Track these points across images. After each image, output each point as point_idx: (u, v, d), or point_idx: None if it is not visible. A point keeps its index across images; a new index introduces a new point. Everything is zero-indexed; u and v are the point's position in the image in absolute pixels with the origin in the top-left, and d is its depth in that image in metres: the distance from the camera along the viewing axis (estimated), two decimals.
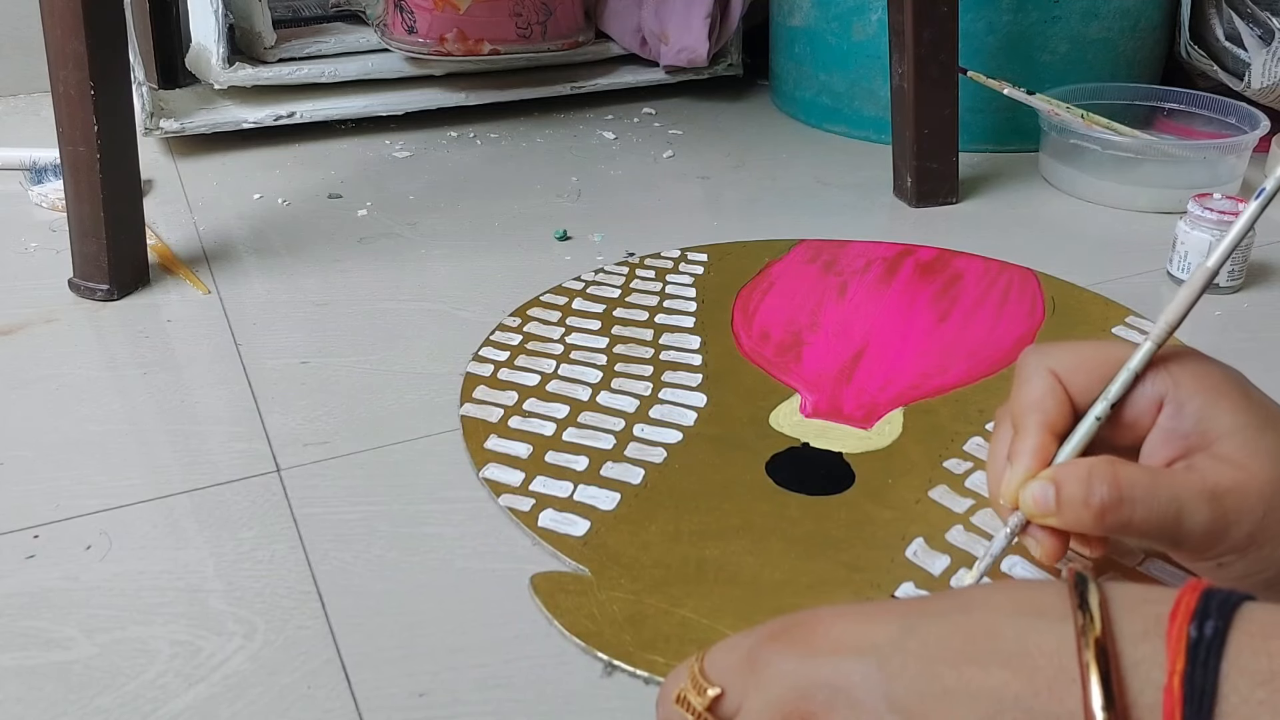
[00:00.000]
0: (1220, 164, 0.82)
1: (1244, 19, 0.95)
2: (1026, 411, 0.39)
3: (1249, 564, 0.36)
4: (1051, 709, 0.24)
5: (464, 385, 0.58)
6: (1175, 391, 0.37)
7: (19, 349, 0.63)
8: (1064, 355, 0.39)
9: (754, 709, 0.29)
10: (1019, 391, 0.40)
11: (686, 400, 0.56)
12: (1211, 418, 0.36)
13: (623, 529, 0.46)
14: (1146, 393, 0.37)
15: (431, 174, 0.92)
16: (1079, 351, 0.39)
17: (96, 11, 0.63)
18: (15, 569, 0.45)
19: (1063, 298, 0.67)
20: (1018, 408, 0.39)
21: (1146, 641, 0.24)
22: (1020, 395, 0.39)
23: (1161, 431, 0.37)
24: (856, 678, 0.27)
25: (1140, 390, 0.37)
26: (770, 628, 0.30)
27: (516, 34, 1.02)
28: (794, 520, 0.47)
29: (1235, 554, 0.36)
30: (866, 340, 0.62)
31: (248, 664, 0.40)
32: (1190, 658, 0.23)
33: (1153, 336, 0.37)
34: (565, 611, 0.42)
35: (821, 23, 1.01)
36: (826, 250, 0.74)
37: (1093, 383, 0.38)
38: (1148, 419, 0.37)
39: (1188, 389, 0.37)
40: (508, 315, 0.65)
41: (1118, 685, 0.24)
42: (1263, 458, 0.35)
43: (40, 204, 0.84)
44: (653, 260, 0.73)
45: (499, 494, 0.49)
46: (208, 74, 0.97)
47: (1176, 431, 0.37)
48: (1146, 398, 0.37)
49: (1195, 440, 0.36)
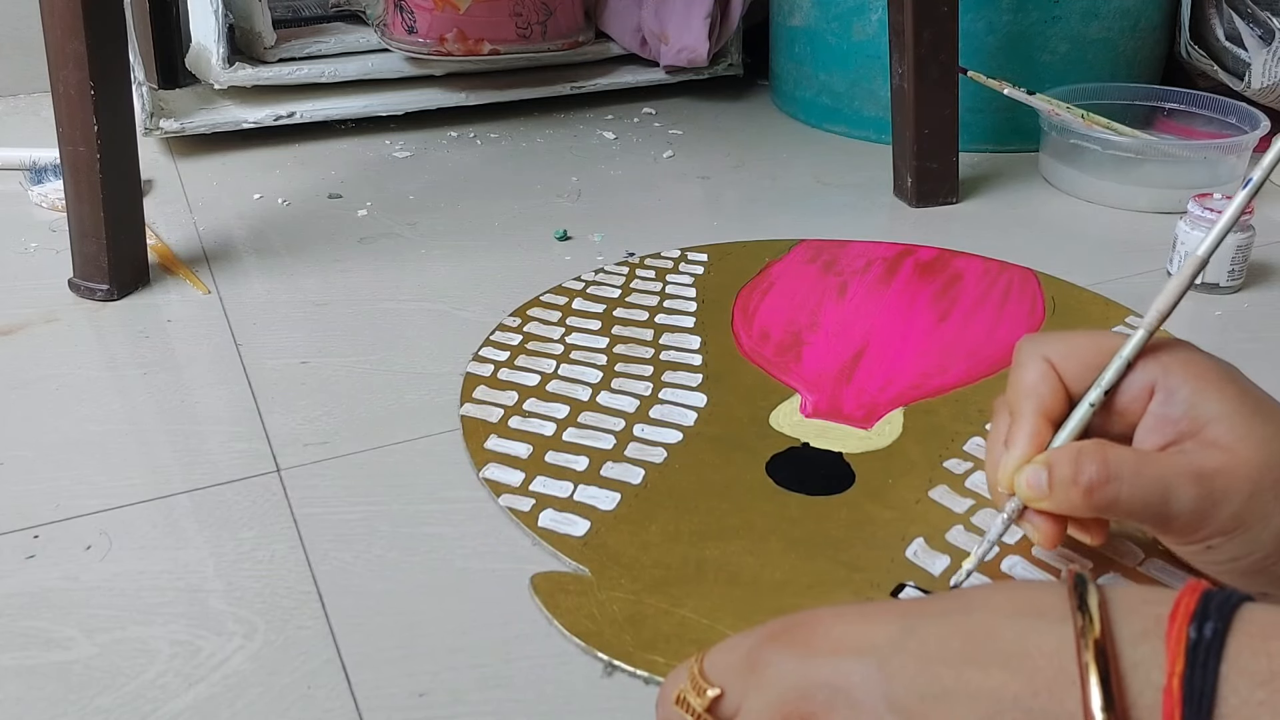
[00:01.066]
0: (1220, 164, 0.82)
1: (1244, 19, 0.95)
2: (1022, 398, 0.39)
3: (1237, 546, 0.36)
4: (1051, 709, 0.24)
5: (464, 385, 0.58)
6: (1166, 379, 0.37)
7: (19, 349, 0.63)
8: (1058, 343, 0.40)
9: (753, 709, 0.29)
10: (1015, 378, 0.40)
11: (686, 400, 0.56)
12: (1201, 404, 0.37)
13: (623, 529, 0.46)
14: (1138, 380, 0.38)
15: (431, 174, 0.92)
16: (1072, 340, 0.40)
17: (96, 11, 0.63)
18: (15, 569, 0.45)
19: (1063, 298, 0.67)
20: (1013, 394, 0.40)
21: (1146, 643, 0.25)
22: (1016, 382, 0.40)
23: (1153, 418, 0.38)
24: (856, 678, 0.27)
25: (1132, 378, 0.38)
26: (770, 628, 0.30)
27: (516, 34, 1.02)
28: (794, 520, 0.47)
29: (1222, 536, 0.36)
30: (866, 340, 0.62)
31: (248, 664, 0.40)
32: (1189, 659, 0.23)
33: (1145, 325, 0.38)
34: (565, 611, 0.42)
35: (821, 23, 1.01)
36: (826, 250, 0.74)
37: (1086, 370, 0.39)
38: (1139, 406, 0.38)
39: (1178, 376, 0.37)
40: (508, 315, 0.65)
41: (1117, 686, 0.24)
42: (1251, 442, 0.36)
43: (40, 204, 0.84)
44: (653, 260, 0.73)
45: (499, 494, 0.49)
46: (208, 74, 0.97)
47: (1167, 417, 0.37)
48: (1138, 385, 0.38)
49: (1185, 426, 0.37)
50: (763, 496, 0.49)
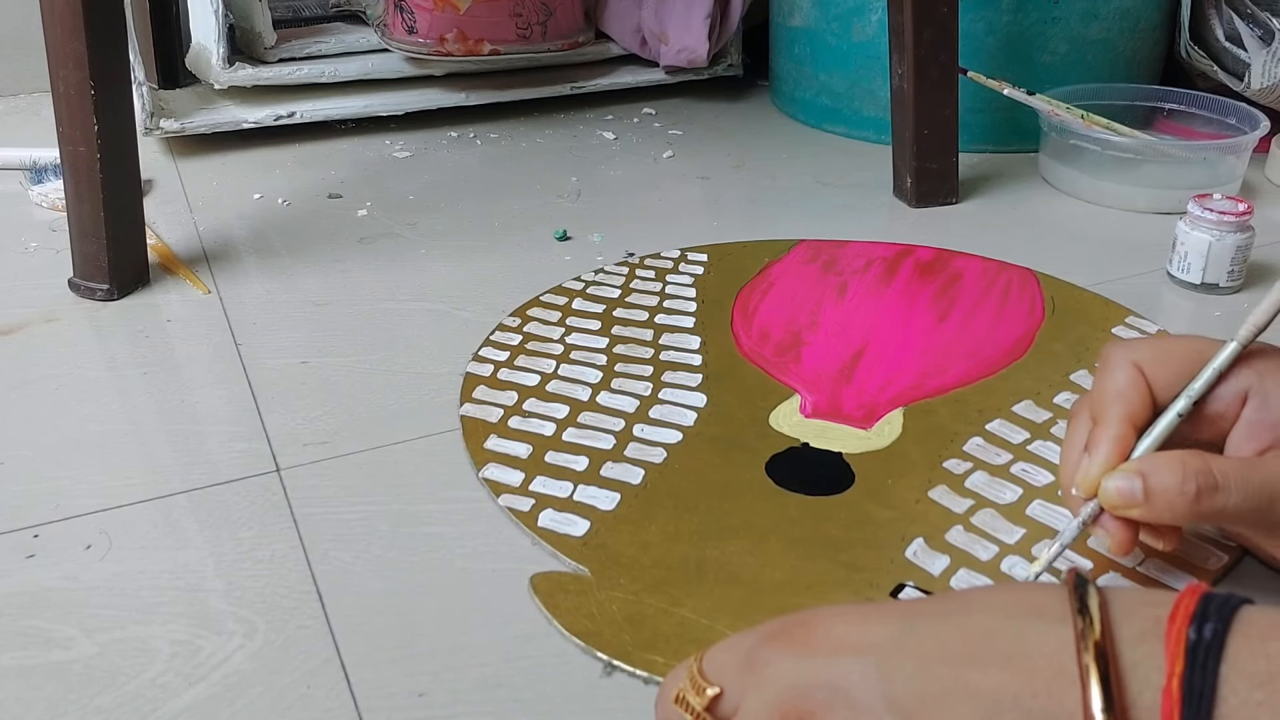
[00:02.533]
0: (1220, 164, 0.82)
1: (1244, 19, 0.96)
2: (1109, 402, 0.39)
3: None
4: (1050, 709, 0.24)
5: (464, 385, 0.58)
6: (1261, 384, 0.37)
7: (19, 349, 0.63)
8: (1148, 349, 0.40)
9: (752, 708, 0.29)
10: (1102, 382, 0.40)
11: (686, 400, 0.56)
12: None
13: (622, 529, 0.46)
14: (1231, 387, 0.38)
15: (431, 174, 0.92)
16: (1163, 346, 0.40)
17: (96, 11, 0.63)
18: (15, 569, 0.45)
19: (1062, 298, 0.67)
20: (1100, 398, 0.40)
21: (1145, 644, 0.25)
22: (1103, 386, 0.40)
23: (1248, 424, 0.38)
24: (855, 677, 0.27)
25: (1225, 385, 0.38)
26: (769, 627, 0.30)
27: (516, 34, 1.02)
28: (794, 520, 0.47)
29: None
30: (866, 340, 0.62)
31: (248, 664, 0.40)
32: (1189, 660, 0.23)
33: (1239, 337, 0.38)
34: (565, 611, 0.42)
35: (821, 23, 1.01)
36: (826, 250, 0.74)
37: (1176, 377, 0.39)
38: (1232, 413, 0.38)
39: (1274, 381, 0.37)
40: (508, 315, 0.65)
41: (1116, 687, 0.24)
42: None
43: (40, 204, 0.84)
44: (653, 260, 0.73)
45: (499, 494, 0.49)
46: (208, 74, 0.97)
47: (1264, 423, 0.37)
48: (1231, 391, 0.38)
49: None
50: (762, 496, 0.49)
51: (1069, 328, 0.64)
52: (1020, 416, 0.55)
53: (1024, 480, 0.50)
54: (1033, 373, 0.59)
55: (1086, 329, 0.63)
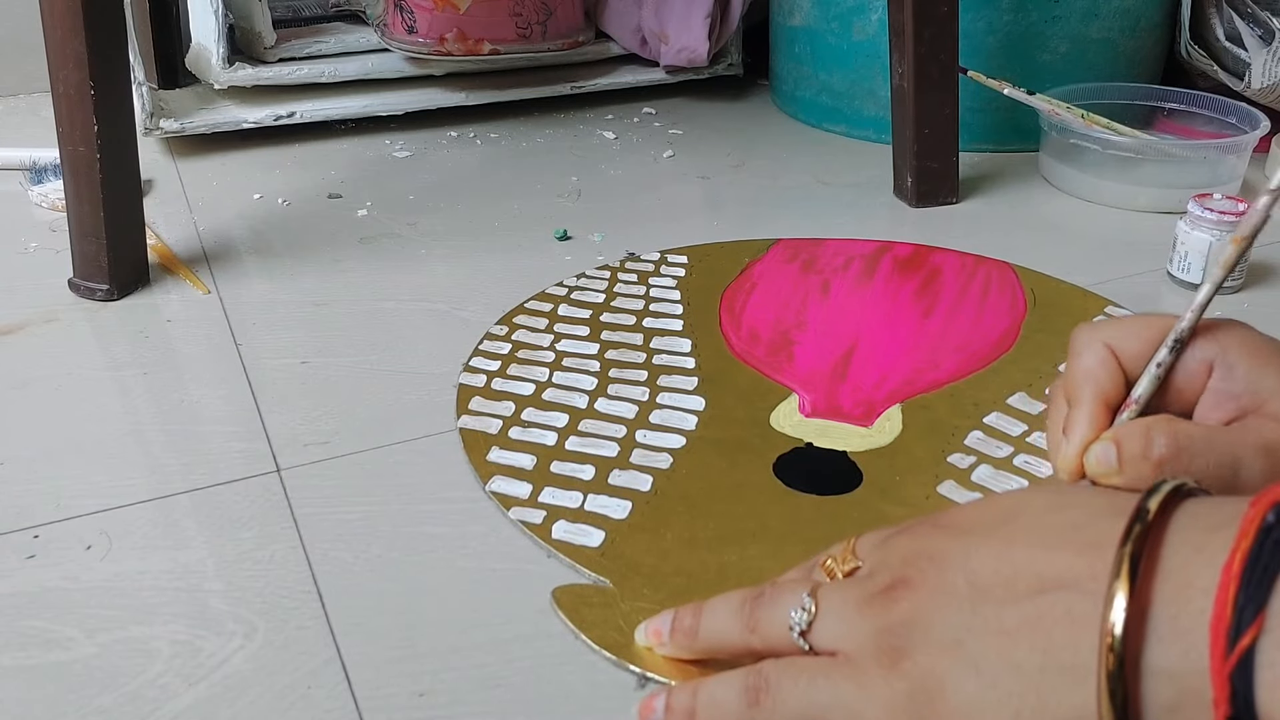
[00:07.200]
0: (1220, 164, 0.82)
1: (1244, 19, 0.96)
2: (1080, 383, 0.40)
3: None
4: (1100, 594, 0.27)
5: (458, 397, 0.57)
6: (1224, 355, 0.38)
7: (19, 349, 0.63)
8: (1115, 328, 0.40)
9: (864, 574, 0.34)
10: (1072, 364, 0.40)
11: (684, 404, 0.56)
12: (1260, 380, 0.37)
13: (639, 538, 0.46)
14: (1195, 358, 0.38)
15: (431, 174, 0.92)
16: (1130, 322, 0.41)
17: (96, 11, 0.63)
18: (15, 569, 0.45)
19: (1042, 289, 0.68)
20: (1071, 381, 0.40)
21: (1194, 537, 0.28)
22: (1074, 368, 0.40)
23: (1213, 394, 0.38)
24: (950, 554, 0.31)
25: (1189, 355, 0.39)
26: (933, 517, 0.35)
27: (516, 34, 1.02)
28: (809, 521, 0.47)
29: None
30: (855, 337, 0.62)
31: (248, 664, 0.40)
32: (1259, 539, 0.26)
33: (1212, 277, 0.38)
34: (592, 625, 0.41)
35: (821, 22, 1.01)
36: (805, 249, 0.74)
37: (1146, 347, 0.39)
38: (1198, 383, 0.38)
39: (1236, 352, 0.38)
40: (494, 324, 0.65)
41: (1144, 579, 0.27)
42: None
43: (40, 204, 0.84)
44: (633, 264, 0.73)
45: (509, 507, 0.48)
46: (208, 74, 0.97)
47: (1228, 393, 0.38)
48: (1196, 362, 0.38)
49: (1247, 401, 0.37)
50: (774, 499, 0.49)
51: (1053, 319, 0.64)
52: (1016, 409, 0.55)
53: (1028, 472, 0.50)
54: (1022, 365, 0.59)
55: (1069, 320, 0.64)
